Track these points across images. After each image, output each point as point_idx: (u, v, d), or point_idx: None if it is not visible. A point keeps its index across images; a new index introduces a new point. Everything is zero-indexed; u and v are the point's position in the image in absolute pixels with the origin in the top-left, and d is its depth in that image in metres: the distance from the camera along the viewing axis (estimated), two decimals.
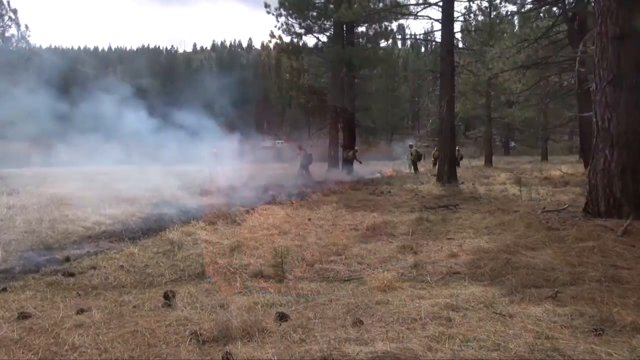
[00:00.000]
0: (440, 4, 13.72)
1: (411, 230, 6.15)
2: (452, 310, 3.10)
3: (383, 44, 20.73)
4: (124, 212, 8.02)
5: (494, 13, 17.45)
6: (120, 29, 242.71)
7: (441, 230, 6.31)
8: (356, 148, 20.99)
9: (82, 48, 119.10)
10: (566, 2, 14.48)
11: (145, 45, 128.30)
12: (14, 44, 20.76)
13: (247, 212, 8.10)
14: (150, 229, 6.85)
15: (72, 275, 4.36)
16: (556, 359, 2.36)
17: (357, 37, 20.36)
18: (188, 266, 4.65)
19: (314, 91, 21.49)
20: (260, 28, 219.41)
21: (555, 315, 2.96)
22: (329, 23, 20.12)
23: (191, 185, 12.70)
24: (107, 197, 9.59)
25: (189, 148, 16.00)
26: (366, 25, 19.85)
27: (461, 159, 23.43)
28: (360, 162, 20.57)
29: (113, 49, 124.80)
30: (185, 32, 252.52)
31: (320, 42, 21.10)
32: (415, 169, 20.21)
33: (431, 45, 21.04)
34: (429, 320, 2.90)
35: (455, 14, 14.18)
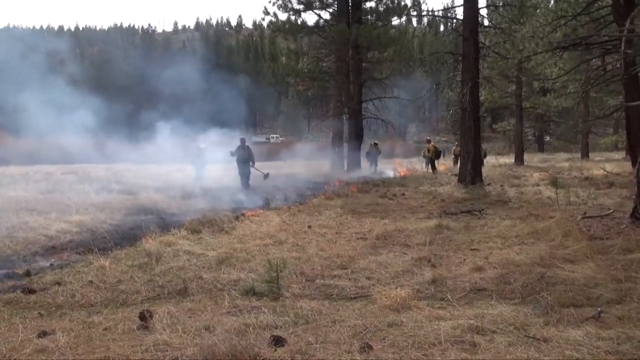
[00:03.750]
0: None
1: (428, 240, 6.14)
2: (477, 333, 3.09)
3: (395, 21, 20.81)
4: (93, 219, 8.02)
5: None
6: (89, 6, 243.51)
7: (464, 239, 6.29)
8: (375, 141, 21.12)
9: (44, 28, 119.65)
10: None
11: (119, 24, 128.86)
12: None
13: (237, 218, 8.09)
14: (123, 238, 6.85)
15: (33, 292, 4.36)
16: None
17: (364, 13, 20.40)
18: (168, 282, 4.65)
19: (314, 77, 21.53)
20: (252, 4, 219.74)
21: (598, 339, 2.95)
22: None
23: (172, 186, 12.72)
24: (73, 201, 9.61)
25: (168, 144, 16.05)
26: None
27: (485, 156, 23.43)
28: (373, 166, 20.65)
29: (81, 29, 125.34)
30: (165, 9, 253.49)
31: (321, 20, 21.17)
32: (433, 167, 20.19)
33: (452, 23, 21.01)
34: (449, 345, 2.89)
35: None
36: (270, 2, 23.46)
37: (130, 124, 13.65)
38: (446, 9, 26.83)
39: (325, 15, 20.93)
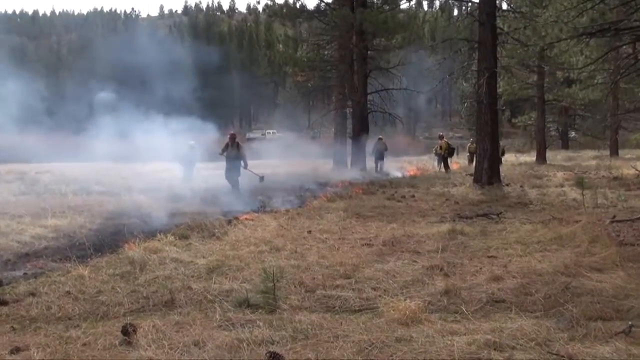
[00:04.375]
0: None
1: (441, 246, 6.14)
2: (495, 349, 3.08)
3: (404, 5, 20.93)
4: (71, 223, 8.04)
5: None
6: None
7: (480, 246, 6.29)
8: (380, 136, 21.10)
9: (17, 13, 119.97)
10: None
11: (99, 9, 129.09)
12: None
13: (230, 222, 8.10)
14: (104, 244, 6.86)
15: (4, 303, 4.37)
16: None
17: None
18: (153, 292, 4.65)
19: (314, 67, 21.54)
20: None
21: (628, 356, 2.95)
22: None
23: (157, 187, 12.74)
24: (49, 204, 9.63)
25: (153, 141, 16.04)
26: None
27: (503, 154, 23.45)
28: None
29: (57, 14, 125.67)
30: None
31: (322, 4, 21.18)
32: (446, 166, 20.20)
33: (466, 7, 21.00)
34: None
35: None
36: None
37: (111, 118, 13.65)
38: None
39: None
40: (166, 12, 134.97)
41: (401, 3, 21.10)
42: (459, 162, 25.83)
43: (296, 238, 6.95)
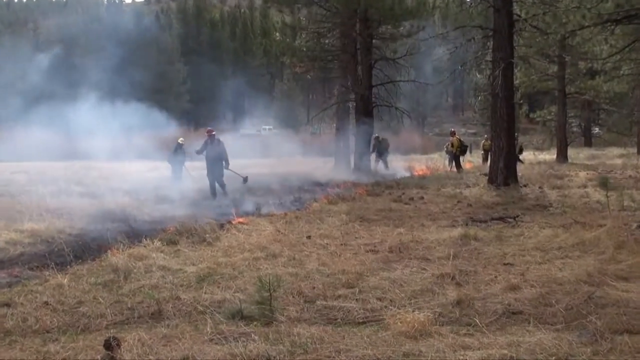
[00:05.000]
0: None
1: (452, 253, 6.14)
2: None
3: None
4: (49, 228, 8.04)
5: None
6: None
7: (495, 252, 6.29)
8: (376, 134, 21.01)
9: None
10: None
11: None
12: None
13: (222, 227, 8.10)
14: (85, 251, 6.86)
15: None
16: None
17: None
18: (138, 303, 4.66)
19: (314, 57, 21.52)
20: None
21: None
22: None
23: (143, 188, 12.75)
24: (25, 206, 9.63)
25: (138, 137, 16.09)
26: None
27: (521, 151, 23.45)
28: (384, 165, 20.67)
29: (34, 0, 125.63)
30: None
31: None
32: (458, 165, 20.20)
33: None
34: None
35: None
36: None
37: (94, 113, 13.68)
38: None
39: None
40: None
41: None
42: (472, 161, 25.85)
43: (294, 244, 6.95)
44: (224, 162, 12.38)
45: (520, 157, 22.93)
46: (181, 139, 15.65)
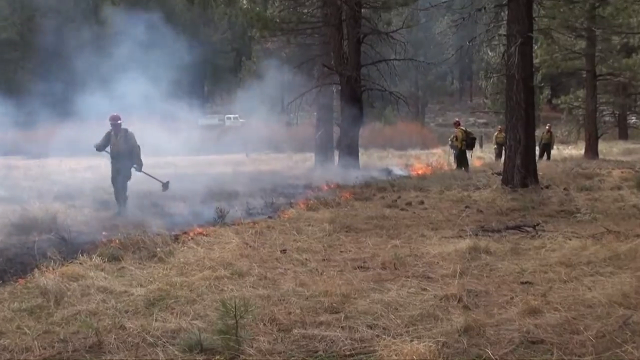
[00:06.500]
0: None
1: (459, 269, 6.19)
2: None
3: None
4: None
5: None
6: None
7: (511, 268, 6.35)
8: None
9: None
10: None
11: None
12: None
13: (177, 239, 8.08)
14: (7, 269, 6.77)
15: None
16: None
17: None
18: (73, 334, 4.61)
19: (290, 30, 21.48)
20: None
21: None
22: None
23: (79, 191, 12.61)
24: None
25: (73, 130, 15.91)
26: None
27: (552, 144, 23.81)
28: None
29: None
30: None
31: None
32: (464, 162, 20.37)
33: None
34: None
35: None
36: None
37: (21, 101, 13.53)
38: None
39: None
40: None
41: None
42: (482, 157, 26.08)
43: (266, 259, 6.95)
44: (133, 163, 11.23)
45: (552, 151, 23.30)
46: (129, 129, 15.50)
